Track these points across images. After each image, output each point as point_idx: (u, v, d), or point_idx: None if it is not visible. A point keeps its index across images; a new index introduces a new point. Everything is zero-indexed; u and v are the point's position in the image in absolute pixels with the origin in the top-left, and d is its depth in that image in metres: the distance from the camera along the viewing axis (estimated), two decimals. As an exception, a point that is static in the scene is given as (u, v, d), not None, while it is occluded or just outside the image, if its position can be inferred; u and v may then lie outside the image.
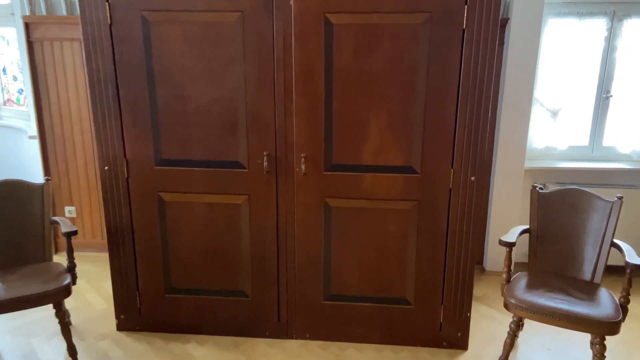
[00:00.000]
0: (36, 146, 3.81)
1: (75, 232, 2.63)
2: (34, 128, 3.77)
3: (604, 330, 2.27)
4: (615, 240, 2.57)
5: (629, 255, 2.41)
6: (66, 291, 2.50)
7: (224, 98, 2.52)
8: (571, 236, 2.68)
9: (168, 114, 2.56)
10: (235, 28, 2.42)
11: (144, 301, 2.86)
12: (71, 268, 2.65)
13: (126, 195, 2.68)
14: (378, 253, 2.67)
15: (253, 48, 2.44)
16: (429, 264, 2.66)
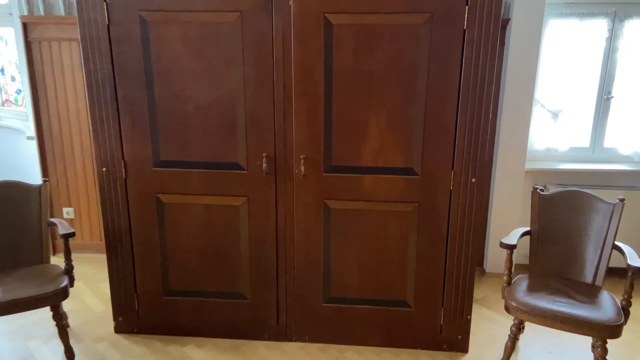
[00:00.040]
0: (34, 147, 3.79)
1: (72, 234, 2.61)
2: (32, 129, 3.75)
3: (606, 333, 2.25)
4: (616, 242, 2.55)
5: (631, 257, 2.39)
6: (63, 294, 2.48)
7: (223, 99, 2.50)
8: (572, 238, 2.66)
9: (166, 115, 2.55)
10: (234, 28, 2.41)
11: (142, 303, 2.84)
12: (69, 270, 2.63)
13: (124, 196, 2.66)
14: (378, 255, 2.65)
15: (252, 48, 2.42)
16: (429, 266, 2.64)
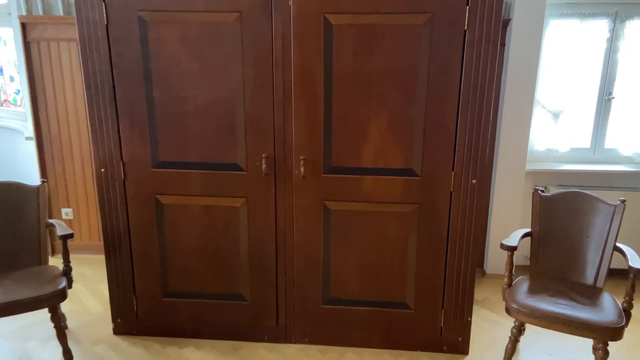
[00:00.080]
0: (33, 147, 3.78)
1: (71, 235, 2.60)
2: (31, 129, 3.74)
3: (607, 335, 2.24)
4: (617, 244, 2.54)
5: (632, 259, 2.38)
6: (62, 295, 2.47)
7: (222, 99, 2.49)
8: (573, 240, 2.65)
9: (165, 116, 2.53)
10: (233, 29, 2.39)
11: (141, 305, 2.83)
12: (67, 271, 2.62)
13: (123, 197, 2.65)
14: (378, 256, 2.64)
15: (251, 49, 2.41)
16: (430, 268, 2.63)
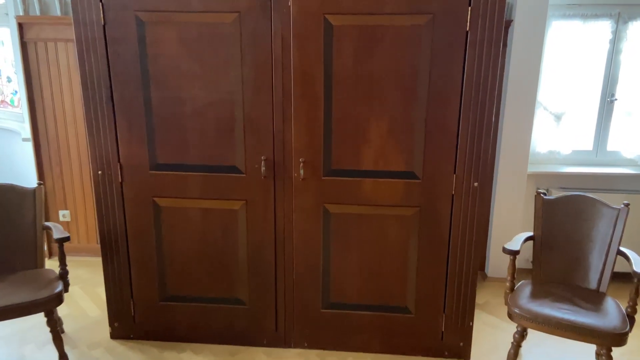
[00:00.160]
0: (30, 148, 3.74)
1: (67, 239, 2.56)
2: (28, 130, 3.70)
3: (611, 341, 2.21)
4: (621, 248, 2.51)
5: (636, 264, 2.34)
6: (57, 299, 2.43)
7: (221, 101, 2.46)
8: (576, 244, 2.62)
9: (163, 117, 2.50)
10: (232, 29, 2.36)
11: (139, 309, 2.80)
12: (63, 275, 2.59)
13: (120, 200, 2.62)
14: (378, 260, 2.60)
15: (250, 50, 2.38)
16: (431, 272, 2.60)
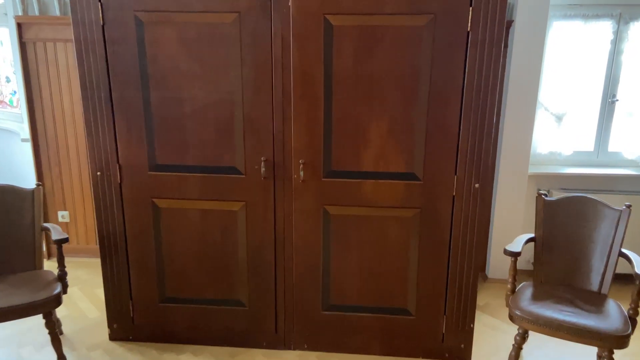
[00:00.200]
0: (29, 149, 3.73)
1: (66, 240, 2.55)
2: (27, 130, 3.69)
3: (613, 343, 2.19)
4: (623, 249, 2.49)
5: (638, 265, 2.33)
6: (56, 301, 2.42)
7: (220, 101, 2.44)
8: (578, 245, 2.60)
9: (162, 118, 2.48)
10: (232, 29, 2.35)
11: (138, 310, 2.78)
12: (62, 276, 2.57)
13: (119, 201, 2.60)
14: (378, 262, 2.59)
15: (250, 50, 2.36)
16: (431, 273, 2.58)
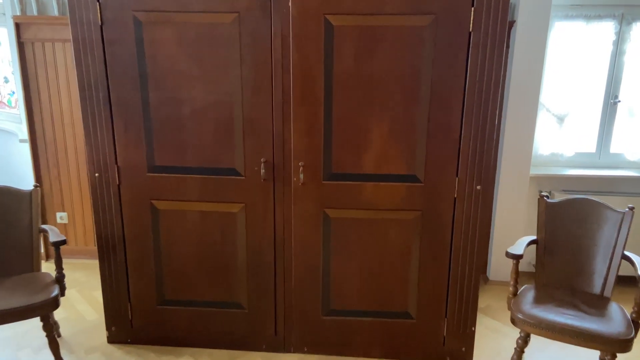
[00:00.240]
0: (27, 150, 3.70)
1: (63, 242, 2.52)
2: (25, 131, 3.66)
3: (616, 347, 2.17)
4: (625, 252, 2.47)
5: (642, 268, 2.31)
6: (53, 304, 2.39)
7: (220, 102, 2.42)
8: (580, 248, 2.58)
9: (161, 119, 2.46)
10: (231, 30, 2.32)
11: (136, 313, 2.76)
12: (60, 279, 2.55)
13: (117, 203, 2.58)
14: (379, 265, 2.57)
15: (250, 50, 2.34)
16: (432, 276, 2.56)
